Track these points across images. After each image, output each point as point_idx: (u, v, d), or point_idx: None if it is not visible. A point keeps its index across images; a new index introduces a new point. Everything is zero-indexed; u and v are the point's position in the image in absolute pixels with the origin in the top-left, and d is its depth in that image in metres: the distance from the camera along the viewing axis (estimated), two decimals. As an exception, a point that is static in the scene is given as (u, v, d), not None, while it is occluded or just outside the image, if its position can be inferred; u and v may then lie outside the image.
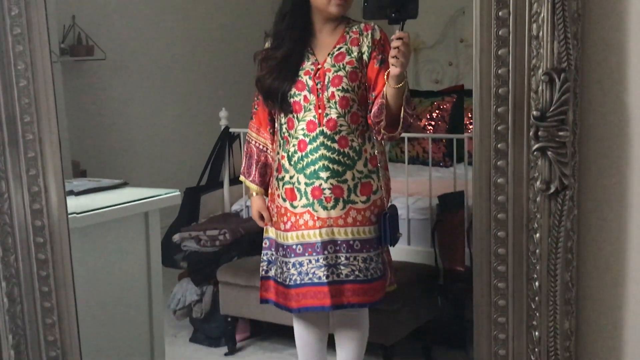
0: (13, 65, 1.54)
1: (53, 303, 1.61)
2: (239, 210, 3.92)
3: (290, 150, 2.52)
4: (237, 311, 3.39)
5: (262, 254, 2.68)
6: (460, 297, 3.16)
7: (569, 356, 1.50)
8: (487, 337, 1.54)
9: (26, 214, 1.59)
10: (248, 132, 2.70)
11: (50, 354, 1.62)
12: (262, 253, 2.68)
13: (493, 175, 1.49)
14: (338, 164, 2.47)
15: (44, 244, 1.60)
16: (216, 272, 3.42)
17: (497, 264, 1.51)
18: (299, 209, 2.50)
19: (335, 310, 2.54)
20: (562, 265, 1.47)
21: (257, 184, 2.67)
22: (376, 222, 2.51)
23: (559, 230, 1.46)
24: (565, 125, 1.42)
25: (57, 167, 1.58)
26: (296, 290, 2.51)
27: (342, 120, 2.47)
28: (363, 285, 2.49)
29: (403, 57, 2.22)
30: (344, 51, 2.49)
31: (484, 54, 1.45)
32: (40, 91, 1.56)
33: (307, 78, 2.48)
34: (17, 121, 1.57)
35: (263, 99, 2.59)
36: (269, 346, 3.45)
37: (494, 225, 1.50)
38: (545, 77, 1.41)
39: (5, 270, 1.58)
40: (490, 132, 1.47)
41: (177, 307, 3.53)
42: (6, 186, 1.58)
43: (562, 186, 1.44)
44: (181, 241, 3.60)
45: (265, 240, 2.67)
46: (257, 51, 2.61)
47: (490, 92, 1.46)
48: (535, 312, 1.50)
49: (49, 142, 1.58)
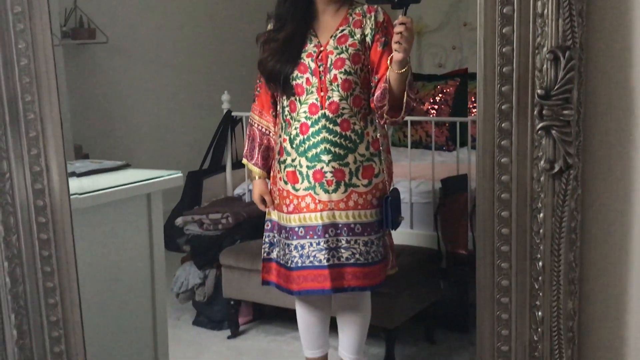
0: (14, 44, 1.53)
1: (55, 283, 1.61)
2: (242, 194, 3.92)
3: (292, 133, 2.51)
4: (240, 294, 3.40)
5: (263, 235, 2.68)
6: (463, 280, 3.16)
7: (572, 336, 1.49)
8: (489, 317, 1.54)
9: (28, 194, 1.58)
10: (251, 115, 2.70)
11: (53, 334, 1.63)
12: (263, 235, 2.68)
13: (497, 154, 1.48)
14: (340, 147, 2.46)
15: (46, 223, 1.59)
16: (219, 256, 3.43)
17: (501, 244, 1.50)
18: (301, 192, 2.49)
19: (336, 293, 2.54)
20: (565, 245, 1.46)
21: (260, 167, 2.67)
22: (378, 206, 2.51)
23: (563, 210, 1.45)
24: (570, 104, 1.40)
25: (59, 147, 1.58)
26: (297, 272, 2.51)
27: (344, 103, 2.46)
28: (363, 269, 2.49)
29: (406, 43, 2.21)
30: (347, 33, 2.48)
31: (488, 32, 1.44)
32: (41, 70, 1.55)
33: (309, 60, 2.47)
34: (18, 100, 1.56)
35: (265, 81, 2.59)
36: (272, 329, 3.46)
37: (498, 205, 1.49)
38: (550, 55, 1.39)
39: (7, 250, 1.58)
40: (494, 111, 1.46)
41: (180, 290, 3.55)
42: (8, 166, 1.57)
43: (566, 165, 1.43)
44: (184, 225, 3.60)
45: (267, 222, 2.67)
46: (259, 33, 2.60)
47: (494, 71, 1.45)
48: (539, 292, 1.49)
49: (51, 121, 1.57)
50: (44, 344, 1.63)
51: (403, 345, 3.16)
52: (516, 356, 1.53)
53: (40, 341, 1.63)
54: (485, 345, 1.55)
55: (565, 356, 1.50)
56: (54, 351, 1.63)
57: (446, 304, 3.28)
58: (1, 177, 1.56)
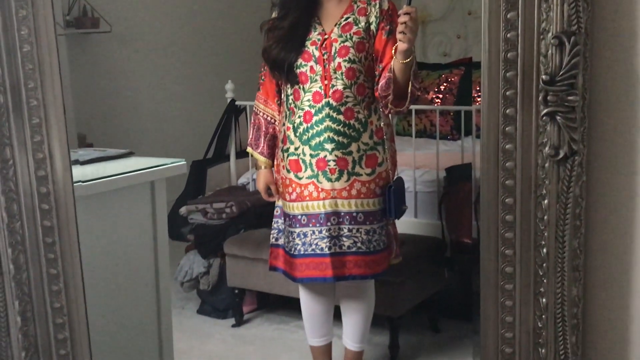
0: (16, 30, 1.53)
1: (59, 270, 1.61)
2: (246, 183, 3.92)
3: (295, 121, 2.50)
4: (244, 283, 3.40)
5: (272, 221, 2.68)
6: (467, 269, 3.16)
7: (576, 323, 1.49)
8: (494, 304, 1.53)
9: (31, 181, 1.58)
10: (255, 104, 2.68)
11: (57, 321, 1.63)
12: (273, 221, 2.68)
13: (501, 141, 1.47)
14: (343, 136, 2.45)
15: (50, 210, 1.59)
16: (223, 245, 3.43)
17: (505, 230, 1.50)
18: (304, 180, 2.49)
19: (337, 281, 2.54)
20: (570, 232, 1.45)
21: (266, 156, 2.66)
22: (381, 195, 2.50)
23: (568, 196, 1.44)
24: (575, 90, 1.40)
25: (62, 134, 1.58)
26: (300, 260, 2.52)
27: (348, 91, 2.45)
28: (365, 257, 2.49)
29: (410, 33, 2.21)
30: (351, 21, 2.47)
31: (492, 17, 1.43)
32: (44, 57, 1.55)
33: (313, 48, 2.47)
34: (21, 87, 1.55)
35: (269, 69, 2.58)
36: (276, 318, 3.47)
37: (502, 191, 1.49)
38: (555, 40, 1.38)
39: (10, 237, 1.58)
40: (499, 97, 1.45)
41: (184, 279, 3.55)
42: (11, 153, 1.57)
43: (571, 152, 1.42)
44: (188, 214, 3.60)
45: (276, 209, 2.68)
46: (263, 21, 2.59)
47: (499, 56, 1.44)
48: (543, 279, 1.49)
49: (54, 108, 1.57)
50: (48, 331, 1.64)
51: (407, 334, 3.16)
52: (520, 343, 1.53)
53: (44, 328, 1.64)
54: (489, 332, 1.55)
55: (569, 343, 1.49)
56: (58, 338, 1.63)
57: (450, 292, 3.29)
58: (4, 164, 1.56)
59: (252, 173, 3.87)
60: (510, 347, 1.54)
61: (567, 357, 1.50)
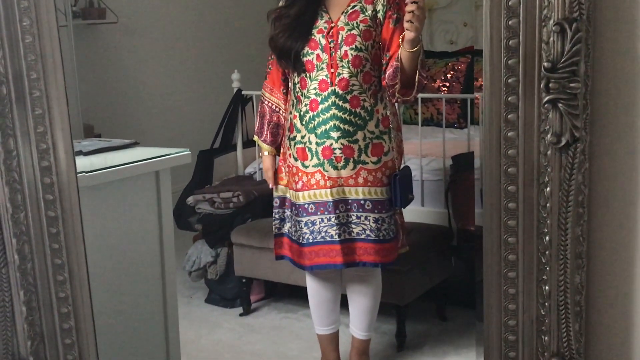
0: (18, 21, 1.54)
1: (64, 260, 1.62)
2: (252, 172, 3.93)
3: (302, 109, 2.51)
4: (252, 272, 3.41)
5: (273, 212, 2.69)
6: (474, 257, 3.16)
7: (579, 310, 1.49)
8: (497, 291, 1.53)
9: (35, 171, 1.59)
10: (262, 92, 2.71)
11: (62, 310, 1.64)
12: (273, 212, 2.69)
13: (503, 128, 1.47)
14: (349, 124, 2.46)
15: (54, 201, 1.60)
16: (230, 234, 3.44)
17: (508, 218, 1.50)
18: (310, 169, 2.50)
19: (347, 268, 2.55)
20: (573, 220, 1.45)
21: (269, 143, 2.69)
22: (388, 184, 2.51)
23: (570, 184, 1.44)
24: (577, 77, 1.39)
25: (65, 124, 1.58)
26: (309, 248, 2.53)
27: (354, 79, 2.45)
28: (374, 245, 2.50)
29: (417, 22, 2.21)
30: (358, 9, 2.47)
31: (494, 4, 1.43)
32: (46, 47, 1.55)
33: (320, 37, 2.47)
34: (24, 78, 1.56)
35: (276, 58, 2.59)
36: (283, 307, 3.49)
37: (504, 179, 1.49)
38: (557, 27, 1.38)
39: (15, 227, 1.59)
40: (501, 84, 1.45)
41: (192, 268, 3.57)
42: (14, 143, 1.58)
43: (573, 139, 1.42)
44: (195, 204, 3.62)
45: (275, 200, 2.69)
46: (270, 10, 2.60)
47: (500, 44, 1.43)
48: (546, 266, 1.48)
49: (56, 98, 1.57)
50: (53, 320, 1.65)
51: (414, 322, 3.17)
52: (523, 330, 1.53)
53: (50, 317, 1.65)
54: (492, 320, 1.55)
55: (572, 330, 1.49)
56: (63, 327, 1.65)
57: (457, 281, 3.29)
58: (8, 154, 1.57)
59: (258, 163, 3.88)
60: (514, 335, 1.54)
61: (570, 344, 1.50)
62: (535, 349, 1.53)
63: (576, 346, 1.50)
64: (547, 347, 1.51)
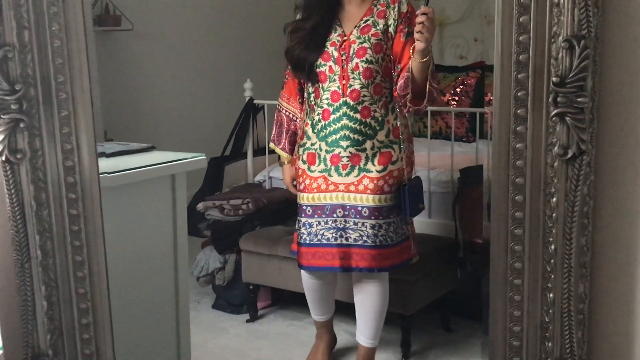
0: (48, 26, 1.59)
1: (84, 257, 1.67)
2: (262, 180, 3.97)
3: (314, 118, 2.58)
4: (259, 279, 3.44)
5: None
6: (480, 269, 3.18)
7: (583, 318, 1.53)
8: (502, 298, 1.58)
9: (59, 171, 1.64)
10: (279, 101, 2.78)
11: (81, 305, 1.68)
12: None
13: (512, 140, 1.51)
14: (359, 134, 2.52)
15: (76, 200, 1.65)
16: (239, 241, 3.47)
17: (514, 227, 1.54)
18: (316, 174, 2.58)
19: (344, 272, 2.63)
20: (577, 230, 1.49)
21: (287, 151, 2.77)
22: (389, 192, 2.56)
23: (576, 195, 1.48)
24: (584, 92, 1.44)
25: (89, 126, 1.63)
26: (306, 249, 2.62)
27: (365, 91, 2.51)
28: (371, 251, 2.56)
29: (427, 32, 2.27)
30: (370, 23, 2.53)
31: (505, 21, 1.48)
32: (73, 52, 1.61)
33: (333, 49, 2.53)
34: (51, 80, 1.61)
35: (292, 69, 2.66)
36: (290, 314, 3.51)
37: (512, 189, 1.53)
38: (565, 44, 1.43)
39: (38, 224, 1.64)
40: (510, 97, 1.50)
41: (200, 274, 3.59)
42: (40, 143, 1.62)
43: (579, 151, 1.46)
44: (205, 210, 3.65)
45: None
46: (287, 22, 2.67)
47: (511, 58, 1.48)
48: (551, 274, 1.53)
49: (81, 101, 1.62)
50: (72, 315, 1.69)
51: (419, 333, 3.18)
52: (528, 337, 1.57)
53: (69, 312, 1.69)
54: (497, 326, 1.59)
55: (575, 337, 1.53)
56: (82, 323, 1.69)
57: (463, 292, 3.31)
58: (34, 154, 1.62)
59: (268, 171, 3.92)
60: (518, 341, 1.58)
61: (573, 351, 1.54)
62: (539, 355, 1.57)
63: (579, 353, 1.54)
64: (550, 353, 1.55)
